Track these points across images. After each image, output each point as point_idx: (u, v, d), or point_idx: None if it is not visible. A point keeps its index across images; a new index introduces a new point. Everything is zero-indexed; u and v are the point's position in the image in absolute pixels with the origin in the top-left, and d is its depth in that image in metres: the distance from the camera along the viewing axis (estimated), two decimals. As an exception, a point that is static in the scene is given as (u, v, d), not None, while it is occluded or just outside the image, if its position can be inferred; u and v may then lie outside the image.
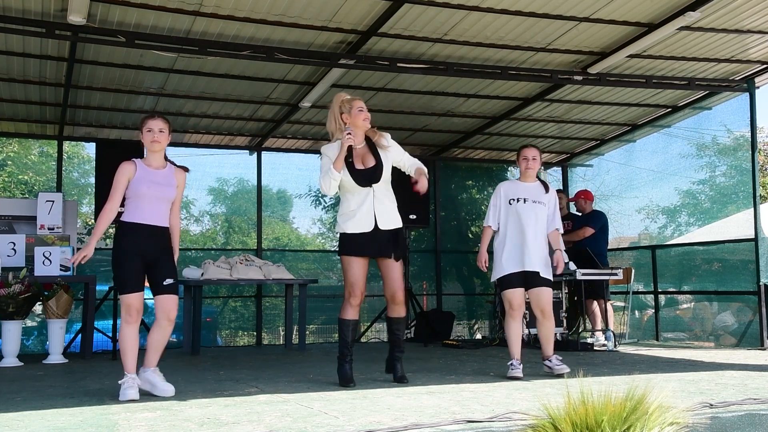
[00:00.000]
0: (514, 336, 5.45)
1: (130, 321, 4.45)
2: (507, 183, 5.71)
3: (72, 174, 13.12)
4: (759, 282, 7.74)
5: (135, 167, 4.53)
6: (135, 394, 4.32)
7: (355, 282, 4.88)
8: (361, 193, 4.90)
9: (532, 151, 5.61)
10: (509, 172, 11.70)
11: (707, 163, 9.38)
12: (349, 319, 4.94)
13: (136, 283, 4.45)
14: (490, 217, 5.61)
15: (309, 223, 12.69)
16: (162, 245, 4.57)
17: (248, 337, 9.96)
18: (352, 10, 6.14)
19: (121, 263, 4.47)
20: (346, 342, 4.95)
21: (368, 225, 4.88)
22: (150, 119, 4.61)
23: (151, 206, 4.51)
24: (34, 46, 6.67)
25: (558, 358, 5.45)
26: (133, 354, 4.45)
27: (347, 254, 4.91)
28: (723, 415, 3.35)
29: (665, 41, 6.93)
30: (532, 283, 5.43)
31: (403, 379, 4.97)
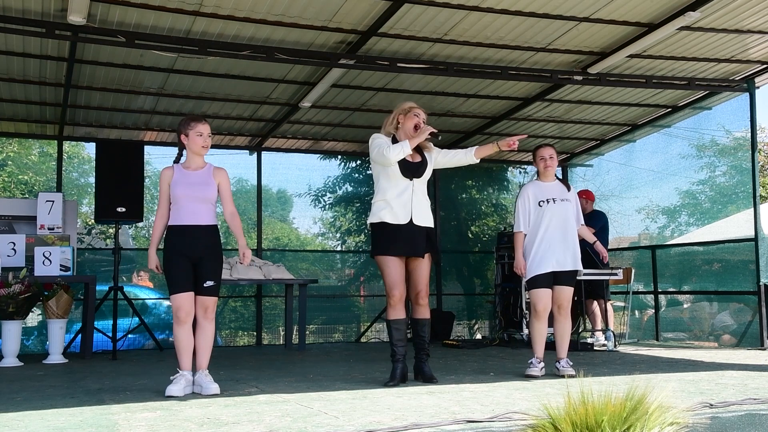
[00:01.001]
0: (538, 335, 5.48)
1: (179, 321, 4.56)
2: (531, 185, 5.69)
3: (72, 174, 13.11)
4: (759, 282, 7.74)
5: (173, 172, 4.67)
6: (178, 391, 4.42)
7: (394, 281, 4.89)
8: (401, 184, 4.93)
9: (549, 150, 5.63)
10: (509, 172, 11.71)
11: (707, 163, 9.38)
12: (395, 318, 4.94)
13: (181, 284, 4.55)
14: (521, 222, 5.58)
15: (309, 223, 12.68)
16: (205, 244, 4.63)
17: (248, 337, 9.96)
18: (352, 10, 6.14)
19: (167, 265, 4.60)
20: (393, 342, 4.96)
21: (404, 217, 4.89)
22: (200, 123, 4.69)
23: (188, 207, 4.60)
24: (34, 46, 6.67)
25: (568, 362, 5.46)
26: (187, 352, 4.57)
27: (384, 254, 4.90)
28: (723, 415, 3.35)
29: (665, 41, 6.93)
30: (559, 281, 5.47)
31: (433, 378, 4.97)
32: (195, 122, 4.69)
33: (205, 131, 4.68)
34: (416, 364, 5.11)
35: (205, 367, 4.64)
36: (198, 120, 4.72)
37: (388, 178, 4.95)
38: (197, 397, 4.41)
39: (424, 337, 5.08)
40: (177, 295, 4.54)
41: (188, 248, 4.58)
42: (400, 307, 4.92)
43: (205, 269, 4.60)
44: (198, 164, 4.73)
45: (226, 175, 4.79)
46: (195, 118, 4.74)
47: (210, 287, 4.61)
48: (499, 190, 11.73)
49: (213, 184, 4.69)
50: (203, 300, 4.61)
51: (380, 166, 4.98)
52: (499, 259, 9.08)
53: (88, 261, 9.36)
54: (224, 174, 4.78)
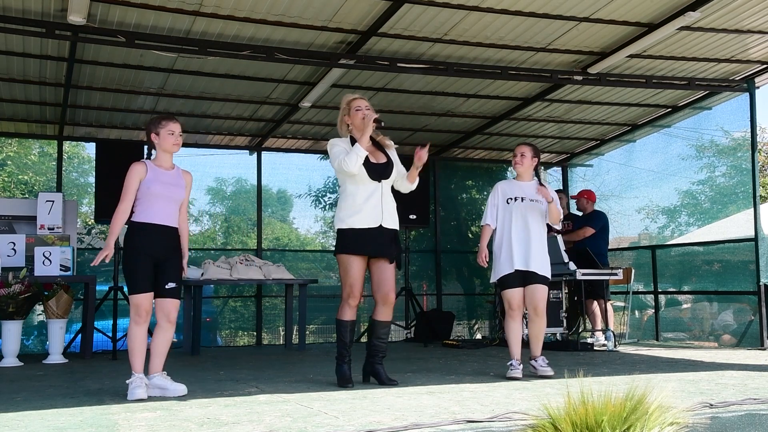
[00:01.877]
0: (513, 336, 5.44)
1: (139, 321, 4.49)
2: (504, 182, 5.71)
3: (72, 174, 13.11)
4: (759, 282, 7.74)
5: (146, 168, 4.57)
6: (143, 394, 4.34)
7: (354, 282, 4.82)
8: (369, 187, 4.84)
9: (521, 148, 5.59)
10: (509, 172, 11.71)
11: (707, 163, 9.38)
12: (348, 320, 4.89)
13: (145, 283, 4.48)
14: (488, 215, 5.60)
15: (309, 223, 12.69)
16: (171, 246, 4.59)
17: (248, 337, 9.96)
18: (352, 10, 6.14)
19: (132, 263, 4.50)
20: (345, 342, 4.90)
21: (375, 220, 4.81)
22: (171, 122, 4.62)
23: (162, 206, 4.54)
24: (34, 46, 6.67)
25: (545, 360, 5.41)
26: (141, 354, 4.49)
27: (347, 252, 4.82)
28: (723, 415, 3.35)
29: (665, 41, 6.93)
30: (529, 280, 5.43)
31: (392, 380, 4.87)
32: (166, 120, 4.62)
33: (176, 130, 4.61)
34: (371, 366, 4.98)
35: (162, 370, 4.55)
36: (169, 118, 4.65)
37: (356, 183, 4.85)
38: (197, 397, 4.40)
39: (383, 340, 4.98)
40: (139, 295, 4.46)
41: (154, 248, 4.50)
42: (355, 309, 4.88)
43: (168, 271, 4.53)
44: (169, 164, 4.66)
45: (191, 180, 4.75)
46: (166, 117, 4.67)
47: (173, 289, 4.54)
48: (499, 190, 11.71)
49: (183, 186, 4.65)
50: (166, 302, 4.54)
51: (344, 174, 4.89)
52: (499, 259, 9.06)
53: (88, 261, 9.34)
54: (191, 178, 4.75)
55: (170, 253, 4.56)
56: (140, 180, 4.53)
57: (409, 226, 9.23)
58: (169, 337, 4.60)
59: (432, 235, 10.55)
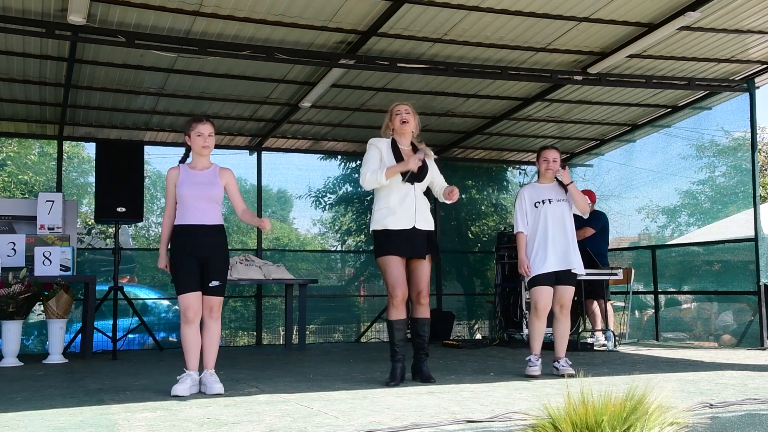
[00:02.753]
0: (537, 333, 5.51)
1: (187, 321, 4.59)
2: (528, 187, 5.75)
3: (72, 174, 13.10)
4: (759, 282, 7.74)
5: (178, 172, 4.71)
6: (183, 391, 4.44)
7: (396, 282, 4.90)
8: (402, 189, 4.95)
9: (552, 153, 5.66)
10: (509, 172, 11.71)
11: (707, 163, 9.38)
12: (395, 320, 4.96)
13: (188, 284, 4.59)
14: (519, 222, 5.63)
15: (309, 223, 12.67)
16: (211, 244, 4.67)
17: (248, 337, 9.96)
18: (352, 10, 6.14)
19: (175, 265, 4.64)
20: (394, 342, 4.98)
21: (408, 222, 4.92)
22: (200, 124, 4.72)
23: (193, 206, 4.64)
24: (34, 46, 6.67)
25: (568, 361, 5.50)
26: (194, 352, 4.61)
27: (386, 254, 4.92)
28: (723, 415, 3.35)
29: (665, 41, 6.93)
30: (560, 280, 5.51)
31: (431, 378, 4.98)
32: (196, 123, 4.74)
33: (205, 131, 4.70)
34: (415, 363, 5.12)
35: (212, 367, 4.68)
36: (199, 120, 4.75)
37: (390, 185, 4.96)
38: (197, 397, 4.41)
39: (423, 337, 5.09)
40: (184, 295, 4.58)
41: (194, 248, 4.61)
42: (402, 307, 4.94)
43: (211, 269, 4.64)
44: (204, 164, 4.77)
45: (232, 176, 4.83)
46: (196, 119, 4.78)
47: (215, 287, 4.65)
48: (499, 190, 11.73)
49: (218, 184, 4.73)
50: (209, 300, 4.65)
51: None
52: (499, 259, 9.07)
53: (88, 261, 9.36)
54: (230, 174, 4.82)
55: (211, 252, 4.66)
56: (174, 184, 4.68)
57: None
58: (214, 333, 4.70)
59: (432, 235, 10.53)
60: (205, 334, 4.68)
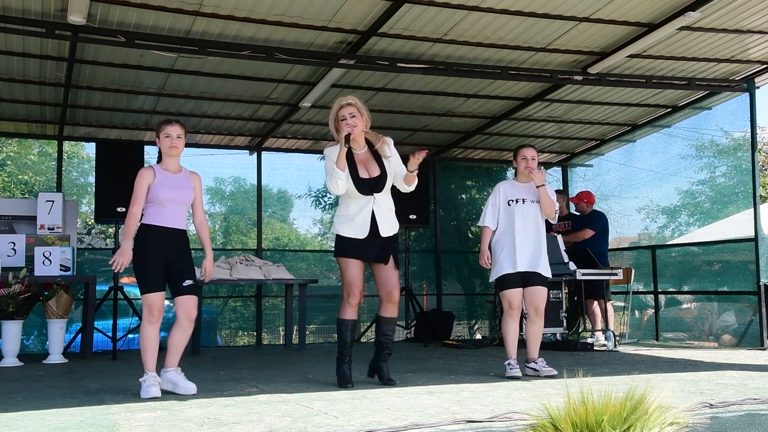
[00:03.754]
0: (510, 336, 5.47)
1: (152, 320, 4.58)
2: (506, 183, 5.71)
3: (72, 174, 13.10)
4: (759, 282, 7.74)
5: (154, 173, 4.67)
6: (157, 392, 4.42)
7: (353, 282, 4.88)
8: (362, 200, 4.88)
9: (531, 151, 5.60)
10: (509, 172, 11.70)
11: (707, 163, 9.38)
12: (348, 319, 4.94)
13: (157, 283, 4.58)
14: (488, 216, 5.61)
15: (309, 223, 12.69)
16: (181, 247, 4.69)
17: (248, 337, 9.96)
18: (352, 10, 6.14)
19: (143, 264, 4.59)
20: (345, 342, 4.94)
21: (363, 232, 4.86)
22: (168, 125, 4.72)
23: (171, 210, 4.64)
24: (34, 46, 6.67)
25: (543, 360, 5.43)
26: (153, 353, 4.59)
27: (343, 256, 4.92)
28: (723, 415, 3.35)
29: (665, 41, 6.93)
30: (529, 281, 5.46)
31: (391, 380, 4.91)
32: (164, 125, 4.73)
33: (173, 133, 4.68)
34: (375, 362, 5.05)
35: (177, 365, 4.64)
36: (167, 122, 4.74)
37: (349, 195, 4.90)
38: (197, 397, 4.40)
39: (389, 336, 5.03)
40: (152, 294, 4.55)
41: (166, 249, 4.60)
42: (355, 309, 4.93)
43: (182, 268, 4.63)
44: (175, 167, 4.75)
45: (200, 181, 4.83)
46: (165, 121, 4.76)
47: (190, 286, 4.64)
48: (499, 190, 11.71)
49: (191, 188, 4.74)
50: (185, 300, 4.62)
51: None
52: (499, 259, 9.06)
53: (88, 261, 9.36)
54: (199, 179, 4.83)
55: (180, 253, 4.67)
56: (148, 184, 4.64)
57: (409, 226, 9.23)
58: (187, 335, 4.69)
59: (432, 235, 10.54)
60: (180, 334, 4.64)
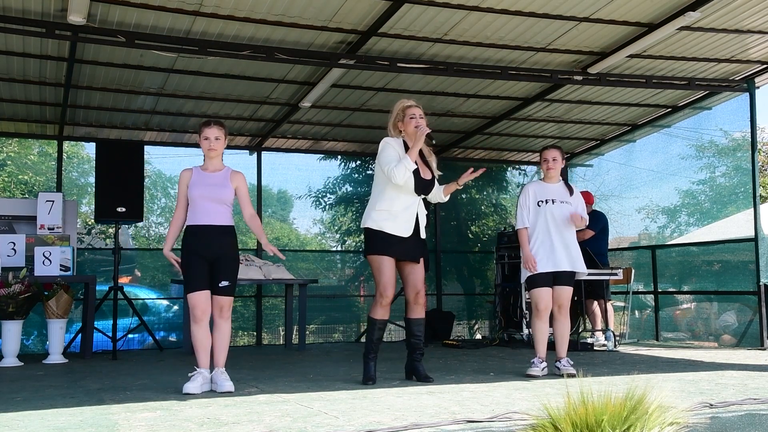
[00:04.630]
0: (540, 335, 5.52)
1: (196, 320, 4.67)
2: (534, 184, 5.76)
3: (72, 174, 13.11)
4: (759, 282, 7.74)
5: (191, 173, 4.81)
6: (194, 389, 4.50)
7: (387, 282, 4.93)
8: (409, 198, 5.00)
9: (552, 153, 5.67)
10: (509, 172, 11.71)
11: (707, 163, 9.38)
12: (379, 319, 5.00)
13: (197, 283, 4.66)
14: (524, 218, 5.64)
15: (309, 223, 12.68)
16: (221, 245, 4.74)
17: (248, 337, 9.96)
18: (352, 10, 6.14)
19: (185, 264, 4.70)
20: (372, 340, 5.03)
21: (408, 231, 4.97)
22: (207, 128, 4.83)
23: (204, 207, 4.72)
24: (34, 46, 6.67)
25: (569, 361, 5.51)
26: (204, 351, 4.67)
27: (380, 253, 4.94)
28: (723, 415, 3.35)
29: (665, 41, 6.93)
30: (558, 281, 5.52)
31: (429, 377, 5.02)
32: (203, 127, 4.87)
33: (211, 135, 4.80)
34: (410, 363, 5.17)
35: (222, 365, 4.73)
36: (206, 124, 4.87)
37: (398, 190, 4.98)
38: (197, 397, 4.41)
39: (419, 337, 5.14)
40: (193, 294, 4.64)
41: (204, 248, 4.68)
42: (388, 309, 4.99)
43: (221, 269, 4.70)
44: (215, 166, 4.85)
45: (243, 179, 4.90)
46: (204, 123, 4.90)
47: (225, 287, 4.71)
48: (499, 190, 11.73)
49: (229, 186, 4.80)
50: (218, 299, 4.71)
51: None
52: (499, 259, 9.07)
53: (88, 261, 9.36)
54: (241, 178, 4.88)
55: (221, 252, 4.72)
56: (187, 185, 4.77)
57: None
58: (225, 332, 4.75)
59: (432, 235, 10.54)
60: (216, 333, 4.74)
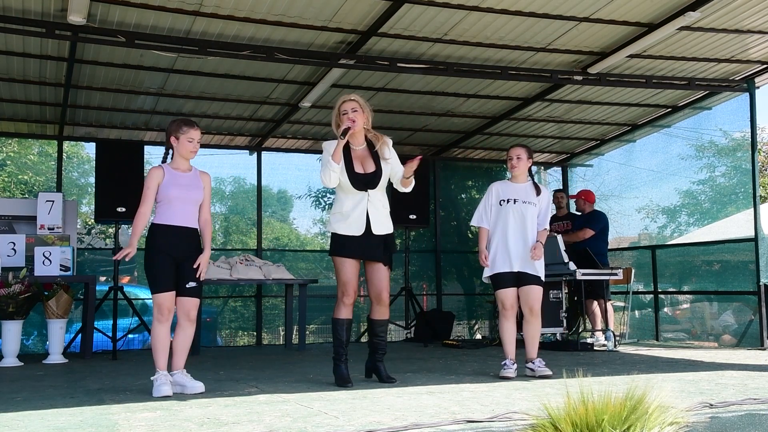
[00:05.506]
0: (507, 336, 5.49)
1: (161, 320, 4.60)
2: (499, 183, 5.73)
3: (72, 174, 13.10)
4: (759, 282, 7.74)
5: (163, 172, 4.70)
6: (169, 390, 4.45)
7: (347, 281, 4.91)
8: (356, 196, 4.91)
9: (516, 151, 5.62)
10: (509, 173, 11.68)
11: (707, 163, 9.38)
12: (344, 318, 4.97)
13: (166, 282, 4.60)
14: (482, 218, 5.63)
15: (309, 223, 12.68)
16: (189, 246, 4.70)
17: (248, 337, 9.96)
18: (352, 10, 6.15)
19: (153, 263, 4.62)
20: (341, 342, 4.96)
21: (359, 229, 4.89)
22: (192, 129, 4.75)
23: (181, 208, 4.66)
24: (34, 46, 6.67)
25: (542, 361, 5.41)
26: (164, 352, 4.62)
27: (338, 255, 4.93)
28: (723, 415, 3.35)
29: (665, 41, 6.93)
30: (523, 281, 5.46)
31: (391, 378, 4.99)
32: (188, 127, 4.74)
33: (196, 137, 4.75)
34: (372, 363, 5.13)
35: (182, 367, 4.67)
36: (190, 125, 4.76)
37: (343, 191, 4.94)
38: (197, 397, 4.41)
39: (382, 337, 5.11)
40: (161, 294, 4.58)
41: (174, 248, 4.62)
42: (350, 308, 4.96)
43: (188, 270, 4.64)
44: (186, 166, 4.80)
45: (210, 181, 4.86)
46: (187, 122, 4.78)
47: (192, 288, 4.66)
48: (499, 190, 11.72)
49: (201, 186, 4.77)
50: (185, 301, 4.65)
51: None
52: (499, 259, 9.06)
53: (88, 261, 9.36)
54: (209, 179, 4.86)
55: (190, 254, 4.68)
56: (158, 184, 4.66)
57: (409, 226, 9.23)
58: (188, 335, 4.71)
59: (432, 235, 10.55)
60: (180, 335, 4.67)
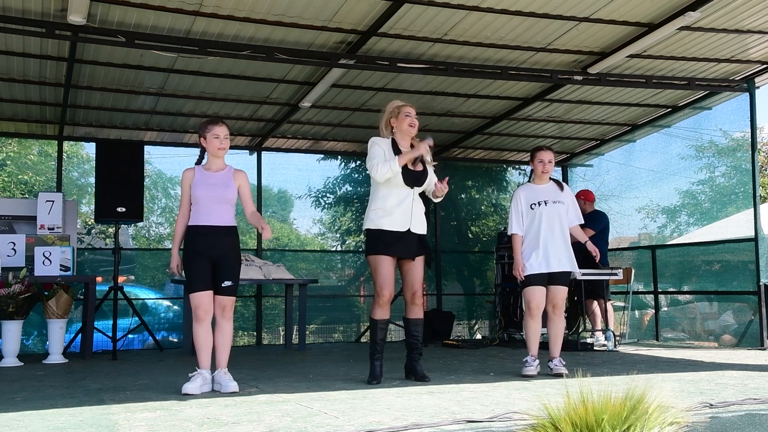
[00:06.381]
0: (532, 333, 5.54)
1: (198, 320, 4.66)
2: (524, 188, 5.77)
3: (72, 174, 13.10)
4: (759, 282, 7.74)
5: (194, 173, 4.79)
6: (193, 389, 4.50)
7: (385, 281, 4.95)
8: (402, 192, 5.00)
9: (548, 155, 5.69)
10: (509, 172, 11.71)
11: (707, 164, 9.39)
12: (379, 319, 5.02)
13: (200, 283, 4.66)
14: (514, 224, 5.65)
15: (309, 223, 12.67)
16: (224, 245, 4.74)
17: (248, 337, 9.96)
18: (352, 10, 6.14)
19: (188, 264, 4.70)
20: (376, 341, 5.04)
21: (404, 225, 4.97)
22: (216, 126, 4.80)
23: (208, 207, 4.71)
24: (34, 46, 6.67)
25: (561, 361, 5.52)
26: (204, 350, 4.67)
27: (378, 253, 4.97)
28: (723, 415, 3.35)
29: (665, 41, 6.93)
30: (553, 281, 5.54)
31: (425, 377, 5.05)
32: (212, 125, 4.82)
33: (221, 133, 4.79)
34: (409, 363, 5.19)
35: (225, 366, 4.73)
36: (215, 123, 4.84)
37: (389, 186, 5.01)
38: (197, 397, 4.41)
39: (417, 337, 5.16)
40: (196, 294, 4.65)
41: (207, 248, 4.68)
42: (387, 307, 5.02)
43: (224, 269, 4.70)
44: (218, 166, 4.84)
45: (245, 177, 4.90)
46: (212, 121, 4.86)
47: (228, 287, 4.71)
48: (499, 190, 11.73)
49: (232, 185, 4.80)
50: (221, 299, 4.71)
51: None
52: (499, 259, 9.08)
53: (88, 261, 9.36)
54: (244, 176, 4.89)
55: (224, 252, 4.72)
56: (189, 185, 4.75)
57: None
58: (227, 333, 4.76)
59: (432, 235, 10.53)
60: (218, 333, 4.74)
